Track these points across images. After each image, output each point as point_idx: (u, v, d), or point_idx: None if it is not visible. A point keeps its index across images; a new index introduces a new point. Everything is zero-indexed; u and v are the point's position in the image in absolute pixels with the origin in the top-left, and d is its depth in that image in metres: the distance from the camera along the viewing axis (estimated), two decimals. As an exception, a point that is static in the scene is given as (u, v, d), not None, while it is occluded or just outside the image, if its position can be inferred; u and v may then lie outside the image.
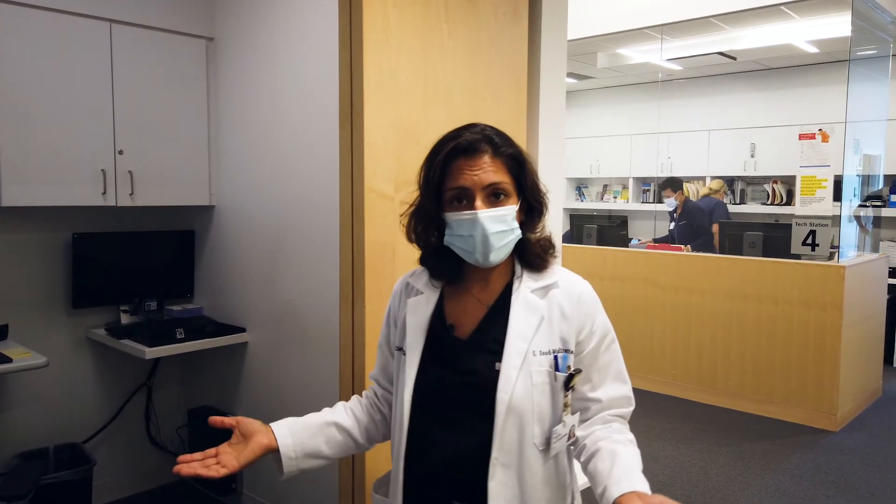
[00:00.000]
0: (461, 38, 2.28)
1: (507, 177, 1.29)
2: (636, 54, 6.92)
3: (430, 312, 1.36)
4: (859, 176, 5.75)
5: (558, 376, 1.28)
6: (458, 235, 1.28)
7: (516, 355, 1.26)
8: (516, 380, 1.25)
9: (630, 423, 1.44)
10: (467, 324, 1.34)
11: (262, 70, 2.88)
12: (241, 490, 3.13)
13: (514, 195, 1.30)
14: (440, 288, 1.39)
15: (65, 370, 3.12)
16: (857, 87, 5.06)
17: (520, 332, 1.28)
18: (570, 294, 1.32)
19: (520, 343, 1.27)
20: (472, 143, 1.27)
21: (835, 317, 4.49)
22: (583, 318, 1.31)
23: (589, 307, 1.33)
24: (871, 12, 5.20)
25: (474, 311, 1.34)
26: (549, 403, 1.27)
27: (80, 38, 2.81)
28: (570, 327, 1.30)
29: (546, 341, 1.28)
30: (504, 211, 1.27)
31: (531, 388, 1.26)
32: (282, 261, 2.81)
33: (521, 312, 1.29)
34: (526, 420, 1.25)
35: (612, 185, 9.02)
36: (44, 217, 3.00)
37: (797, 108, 7.08)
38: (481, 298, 1.34)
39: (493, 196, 1.27)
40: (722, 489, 3.64)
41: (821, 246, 4.66)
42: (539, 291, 1.32)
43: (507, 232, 1.28)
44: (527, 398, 1.25)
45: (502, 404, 1.24)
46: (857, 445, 4.29)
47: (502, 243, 1.28)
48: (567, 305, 1.31)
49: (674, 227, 6.37)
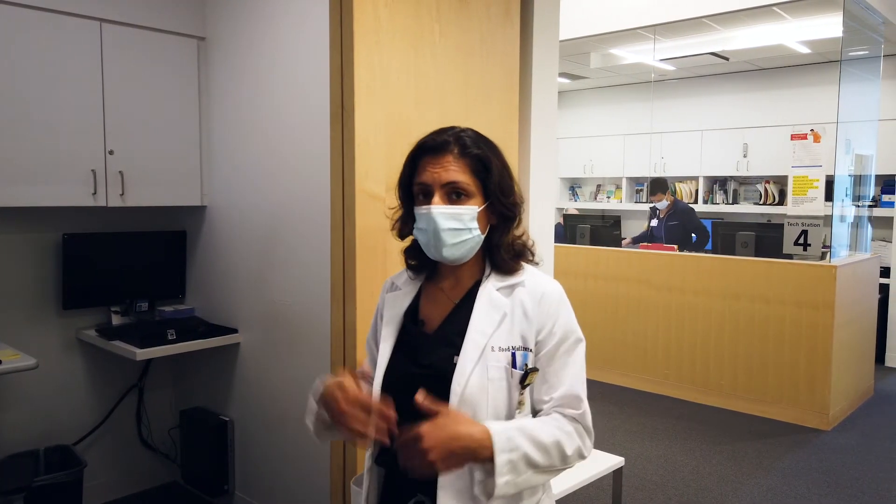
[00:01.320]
0: (453, 38, 2.27)
1: (470, 178, 1.32)
2: (629, 54, 6.93)
3: (405, 307, 1.42)
4: (851, 176, 5.77)
5: (514, 373, 1.29)
6: (419, 229, 1.34)
7: (473, 349, 1.28)
8: (471, 373, 1.27)
9: (624, 421, 1.44)
10: (435, 318, 1.38)
11: (253, 70, 2.87)
12: (232, 491, 3.12)
13: (476, 196, 1.33)
14: (419, 285, 1.44)
15: (55, 372, 3.10)
16: (848, 87, 5.08)
17: (480, 328, 1.30)
18: (534, 293, 1.33)
19: (478, 338, 1.29)
20: (439, 143, 1.32)
21: (826, 316, 4.51)
22: (543, 318, 1.31)
23: (550, 307, 1.32)
24: (863, 13, 5.22)
25: (443, 307, 1.38)
26: (504, 399, 1.29)
27: (70, 38, 2.79)
28: (530, 326, 1.31)
29: (506, 338, 1.30)
30: (460, 210, 1.30)
31: (486, 382, 1.27)
32: (274, 261, 2.81)
33: (484, 308, 1.32)
34: (479, 414, 1.26)
35: (606, 185, 9.04)
36: (34, 218, 2.98)
37: (789, 109, 7.11)
38: (451, 295, 1.39)
39: (454, 195, 1.31)
40: (714, 488, 3.65)
41: (812, 246, 4.68)
42: (504, 290, 1.34)
43: (462, 231, 1.31)
44: (481, 392, 1.26)
45: (455, 396, 1.26)
46: (848, 444, 4.31)
47: (455, 241, 1.31)
48: (529, 305, 1.32)
49: (657, 226, 6.37)
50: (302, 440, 2.71)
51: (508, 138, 2.46)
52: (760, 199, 7.57)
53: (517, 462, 1.20)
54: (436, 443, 1.13)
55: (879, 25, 5.55)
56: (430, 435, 1.13)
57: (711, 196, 7.97)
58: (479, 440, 1.17)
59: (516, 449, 1.20)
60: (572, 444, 1.27)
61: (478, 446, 1.17)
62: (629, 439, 4.31)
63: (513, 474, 1.20)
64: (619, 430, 4.48)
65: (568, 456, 1.26)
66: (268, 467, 2.93)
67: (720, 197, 7.89)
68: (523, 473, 1.21)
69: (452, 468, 1.18)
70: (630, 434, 4.41)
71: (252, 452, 3.02)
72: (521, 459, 1.20)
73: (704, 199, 7.92)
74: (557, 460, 1.25)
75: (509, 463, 1.19)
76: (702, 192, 7.93)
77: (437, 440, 1.13)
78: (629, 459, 3.97)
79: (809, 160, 4.80)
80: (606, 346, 5.62)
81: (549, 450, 1.24)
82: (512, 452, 1.19)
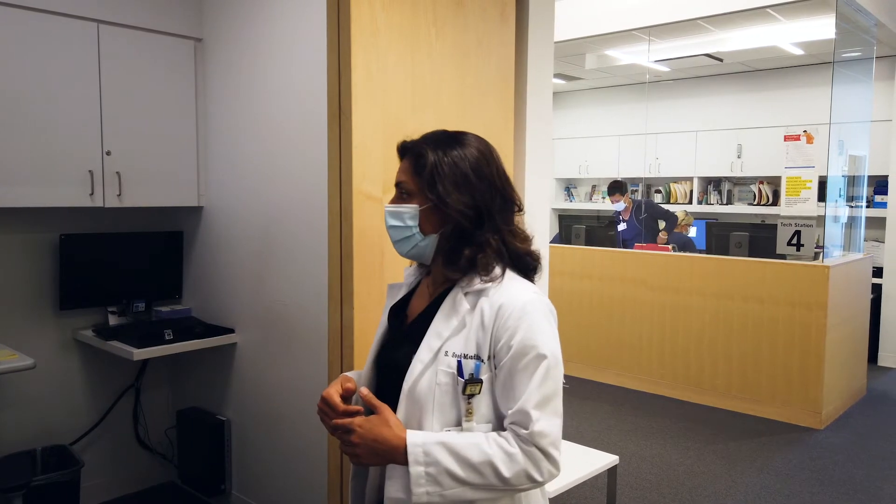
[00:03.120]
0: (449, 39, 2.29)
1: (410, 177, 1.34)
2: (624, 56, 6.96)
3: (398, 297, 1.47)
4: (845, 176, 5.81)
5: (459, 381, 1.26)
6: None
7: (427, 351, 1.29)
8: (421, 374, 1.28)
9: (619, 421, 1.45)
10: (415, 312, 1.42)
11: (250, 71, 2.88)
12: (229, 490, 3.13)
13: (416, 196, 1.33)
14: (419, 279, 1.47)
15: (52, 372, 3.10)
16: (841, 88, 5.12)
17: (437, 331, 1.30)
18: (493, 304, 1.27)
19: (434, 340, 1.30)
20: (405, 146, 1.38)
21: (819, 316, 4.54)
22: (499, 331, 1.26)
23: (508, 320, 1.25)
24: (855, 15, 5.26)
25: (423, 301, 1.41)
26: (450, 405, 1.27)
27: (67, 39, 2.80)
28: (486, 337, 1.27)
29: (461, 345, 1.28)
30: (399, 208, 1.34)
31: (434, 385, 1.27)
32: (270, 262, 2.82)
33: (445, 312, 1.32)
34: (426, 415, 1.27)
35: (601, 186, 9.07)
36: (31, 218, 2.99)
37: (783, 110, 7.15)
38: (432, 291, 1.40)
39: (401, 195, 1.36)
40: (708, 487, 3.67)
41: (805, 246, 4.71)
42: (471, 296, 1.31)
43: (403, 228, 1.34)
44: (429, 393, 1.27)
45: (404, 393, 1.29)
46: (841, 443, 4.34)
47: (399, 237, 1.35)
48: (487, 315, 1.27)
49: (626, 228, 6.41)
50: (299, 440, 2.72)
51: (504, 139, 2.48)
52: (754, 200, 7.61)
53: (437, 476, 1.19)
54: (362, 440, 1.24)
55: (872, 27, 5.59)
56: (358, 431, 1.24)
57: (706, 196, 8.00)
58: (395, 447, 1.22)
59: (435, 463, 1.19)
60: (513, 466, 1.19)
61: (394, 453, 1.22)
62: (624, 438, 4.33)
63: (434, 486, 1.19)
64: (614, 429, 4.51)
65: (507, 478, 1.19)
66: (265, 467, 2.94)
67: (714, 197, 7.93)
68: (450, 488, 1.20)
69: (375, 464, 1.29)
70: (624, 433, 4.43)
71: (249, 452, 3.03)
72: (444, 474, 1.19)
73: (699, 200, 7.96)
74: (494, 480, 1.19)
75: (427, 475, 1.19)
76: (696, 193, 7.97)
77: (363, 437, 1.24)
78: (624, 458, 3.99)
79: (802, 161, 4.83)
80: (601, 346, 5.65)
81: (478, 468, 1.19)
82: (429, 466, 1.19)
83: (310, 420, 2.61)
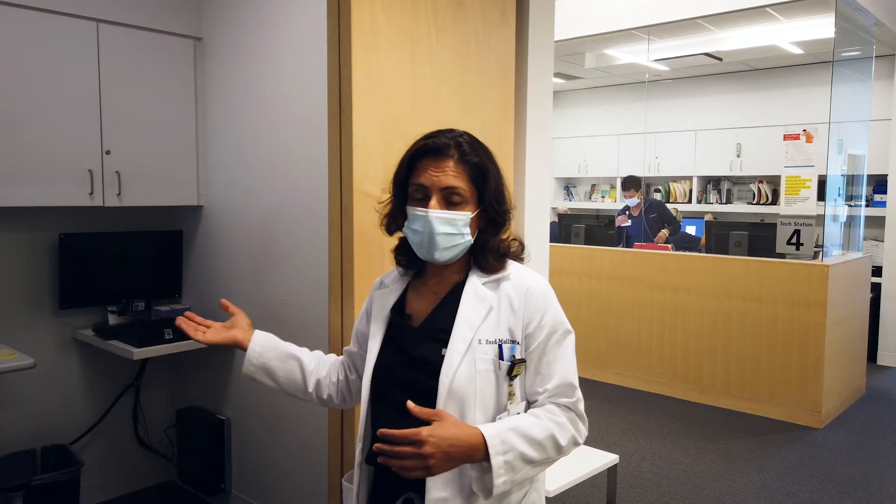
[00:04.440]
0: (449, 39, 2.29)
1: (467, 184, 1.34)
2: (623, 55, 6.96)
3: (391, 303, 1.45)
4: (844, 176, 5.81)
5: (502, 365, 1.31)
6: (412, 229, 1.36)
7: (461, 342, 1.31)
8: (459, 365, 1.29)
9: (618, 420, 1.48)
10: (421, 313, 1.41)
11: (250, 70, 2.88)
12: (229, 490, 3.13)
13: (471, 203, 1.35)
14: (407, 282, 1.47)
15: (52, 371, 3.10)
16: (841, 88, 5.12)
17: (467, 321, 1.33)
18: (519, 288, 1.35)
19: (466, 331, 1.32)
20: (440, 146, 1.34)
21: (819, 315, 4.55)
22: (531, 312, 1.34)
23: (537, 302, 1.35)
24: (855, 14, 5.26)
25: (428, 302, 1.41)
26: (493, 391, 1.31)
27: (66, 38, 2.80)
28: (517, 320, 1.34)
29: (493, 331, 1.33)
30: (455, 215, 1.33)
31: (474, 374, 1.30)
32: (270, 261, 2.82)
33: (471, 302, 1.35)
34: (467, 405, 1.29)
35: (601, 185, 9.07)
36: (30, 217, 2.99)
37: (783, 109, 7.15)
38: (436, 290, 1.41)
39: (449, 199, 1.33)
40: (708, 486, 3.68)
41: (805, 245, 4.72)
42: (490, 284, 1.37)
43: (456, 235, 1.34)
44: (469, 384, 1.29)
45: (444, 388, 1.29)
46: (840, 442, 4.35)
47: (448, 245, 1.34)
48: (515, 299, 1.35)
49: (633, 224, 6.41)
50: (298, 439, 2.72)
51: (504, 139, 2.48)
52: (754, 199, 7.62)
53: (513, 462, 1.23)
54: (436, 449, 1.17)
55: (871, 26, 5.60)
56: (430, 440, 1.16)
57: (705, 196, 8.01)
58: (474, 445, 1.21)
59: (511, 450, 1.23)
60: (566, 434, 1.30)
61: (472, 450, 1.21)
62: (623, 437, 4.34)
63: (510, 473, 1.23)
64: (614, 428, 4.51)
65: (563, 446, 1.29)
66: (264, 466, 2.95)
67: (714, 196, 7.93)
68: (520, 471, 1.25)
69: (448, 469, 1.22)
70: (624, 432, 4.43)
71: (248, 451, 3.03)
72: (518, 458, 1.24)
73: (698, 199, 7.97)
74: (553, 452, 1.29)
75: (506, 464, 1.22)
76: (696, 192, 7.98)
77: (437, 446, 1.17)
78: (624, 457, 3.99)
79: (802, 160, 4.83)
80: (601, 345, 5.65)
81: (543, 444, 1.27)
82: (507, 454, 1.22)
83: (309, 420, 2.61)
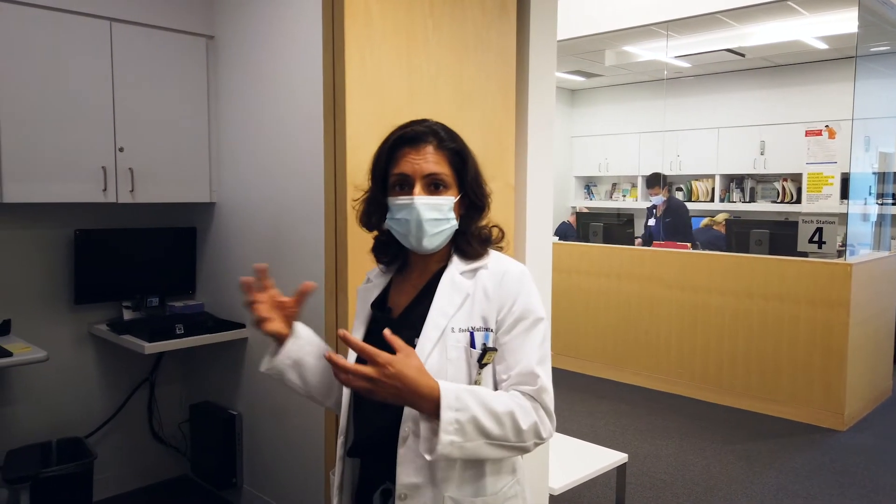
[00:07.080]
0: (446, 32, 2.26)
1: (448, 169, 1.35)
2: (643, 52, 6.88)
3: (373, 298, 1.46)
4: (875, 174, 5.67)
5: (473, 353, 1.31)
6: (397, 219, 1.35)
7: (434, 330, 1.31)
8: (430, 353, 1.29)
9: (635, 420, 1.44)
10: (401, 305, 1.41)
11: (262, 68, 2.89)
12: (240, 485, 3.15)
13: (453, 187, 1.36)
14: (389, 277, 1.48)
15: (68, 365, 3.15)
16: (868, 83, 5.00)
17: (441, 309, 1.33)
18: (495, 275, 1.35)
19: (439, 319, 1.32)
20: (418, 134, 1.34)
21: (842, 315, 4.44)
22: (503, 298, 1.33)
23: (510, 287, 1.33)
24: (881, 7, 5.14)
25: (408, 294, 1.42)
26: (464, 379, 1.30)
27: (80, 37, 2.84)
28: (491, 307, 1.33)
29: (466, 319, 1.32)
30: (441, 200, 1.33)
31: (446, 362, 1.29)
32: (280, 257, 2.83)
33: (446, 291, 1.35)
34: None
35: (621, 184, 8.98)
36: (46, 213, 3.04)
37: (807, 105, 7.01)
38: (417, 283, 1.42)
39: (433, 186, 1.34)
40: (724, 487, 3.61)
41: (828, 243, 4.61)
42: (467, 273, 1.37)
43: (442, 221, 1.34)
44: (440, 372, 1.28)
45: None
46: (863, 445, 4.24)
47: (436, 231, 1.34)
48: (491, 286, 1.34)
49: (655, 224, 6.31)
50: (308, 434, 2.73)
51: (505, 133, 2.45)
52: (778, 197, 7.48)
53: (465, 424, 1.17)
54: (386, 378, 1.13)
55: (898, 20, 5.46)
56: (387, 369, 1.13)
57: (728, 194, 7.88)
58: (425, 394, 1.16)
59: (465, 409, 1.18)
60: (528, 418, 1.23)
61: (424, 395, 1.16)
62: (639, 438, 4.28)
63: (459, 436, 1.17)
64: (630, 428, 4.46)
65: (523, 430, 1.22)
66: (275, 461, 2.96)
67: (737, 195, 7.81)
68: (472, 440, 1.19)
69: (388, 400, 1.16)
70: (640, 432, 4.38)
71: (259, 446, 3.05)
72: (470, 422, 1.18)
73: (721, 198, 7.85)
74: (511, 433, 1.22)
75: (456, 423, 1.17)
76: (718, 191, 7.86)
77: (389, 377, 1.13)
78: (639, 458, 3.94)
79: (824, 157, 4.74)
80: (619, 345, 5.59)
81: (501, 419, 1.21)
82: (459, 412, 1.17)
83: (319, 415, 2.62)
